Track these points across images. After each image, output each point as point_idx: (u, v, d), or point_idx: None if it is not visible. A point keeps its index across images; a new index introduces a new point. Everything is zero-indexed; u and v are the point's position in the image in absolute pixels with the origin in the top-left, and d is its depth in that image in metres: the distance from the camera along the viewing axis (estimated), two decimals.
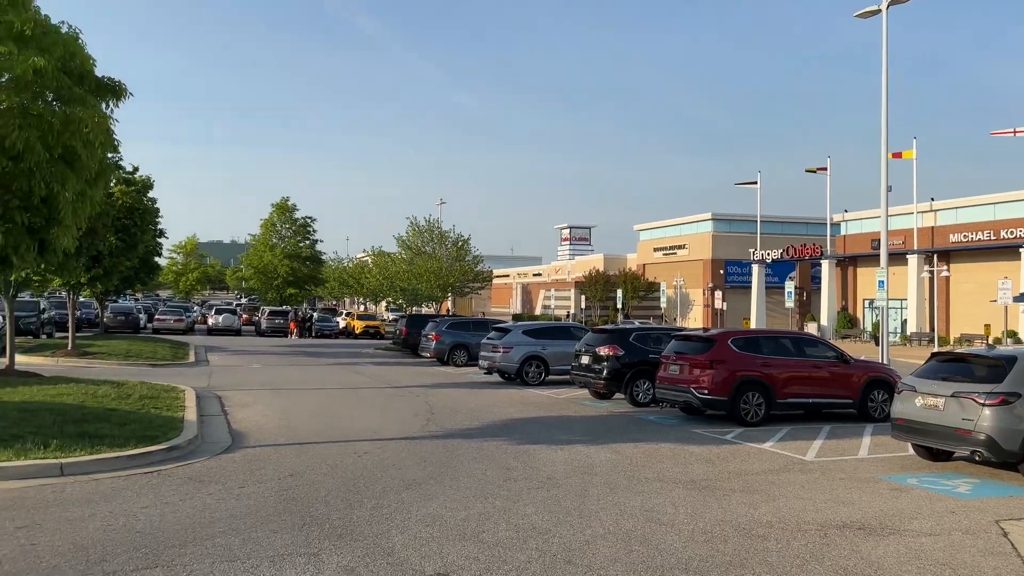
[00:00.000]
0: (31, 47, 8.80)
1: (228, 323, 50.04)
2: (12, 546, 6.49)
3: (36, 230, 9.87)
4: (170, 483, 9.02)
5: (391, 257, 64.10)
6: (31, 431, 10.58)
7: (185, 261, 79.37)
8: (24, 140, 8.62)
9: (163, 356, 28.09)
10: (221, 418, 14.16)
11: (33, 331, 34.20)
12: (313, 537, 7.02)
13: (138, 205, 27.46)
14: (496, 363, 23.26)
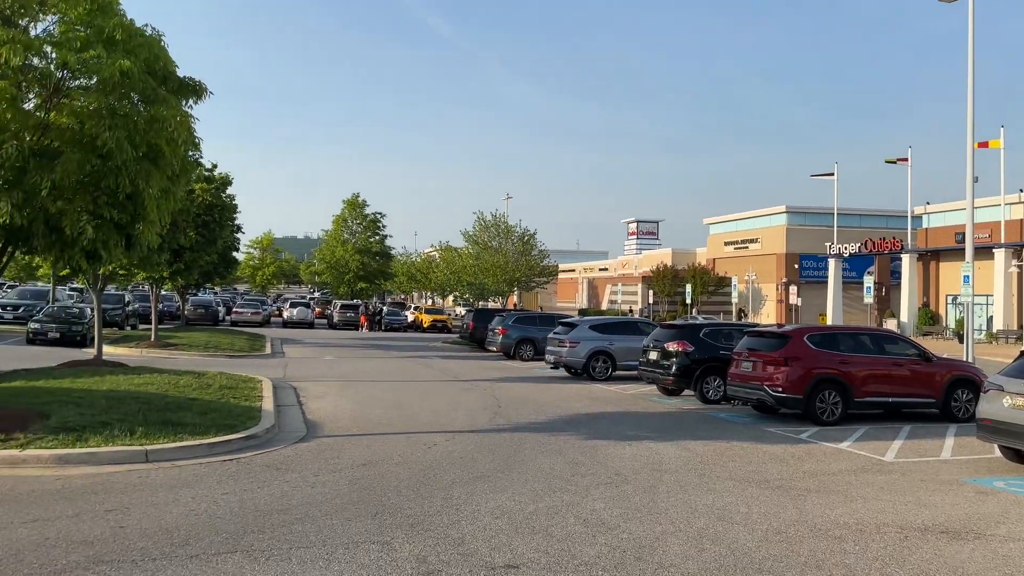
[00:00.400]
0: (119, 50, 9.20)
1: (302, 316, 51.32)
2: (103, 527, 6.81)
3: (123, 225, 10.32)
4: (249, 471, 9.32)
5: (458, 252, 64.71)
6: (118, 418, 11.08)
7: (261, 256, 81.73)
8: (114, 140, 9.01)
9: (241, 348, 29.01)
10: (296, 408, 14.54)
11: (118, 323, 35.80)
12: (386, 526, 7.15)
13: (217, 202, 28.39)
14: (563, 358, 23.23)
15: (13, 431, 9.88)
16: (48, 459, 9.17)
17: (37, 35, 9.72)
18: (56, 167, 9.01)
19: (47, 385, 14.11)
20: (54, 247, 9.94)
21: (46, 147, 9.37)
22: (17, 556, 5.95)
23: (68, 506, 7.43)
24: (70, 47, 9.03)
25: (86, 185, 9.52)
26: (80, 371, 16.73)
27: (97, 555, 6.06)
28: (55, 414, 11.04)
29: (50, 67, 9.81)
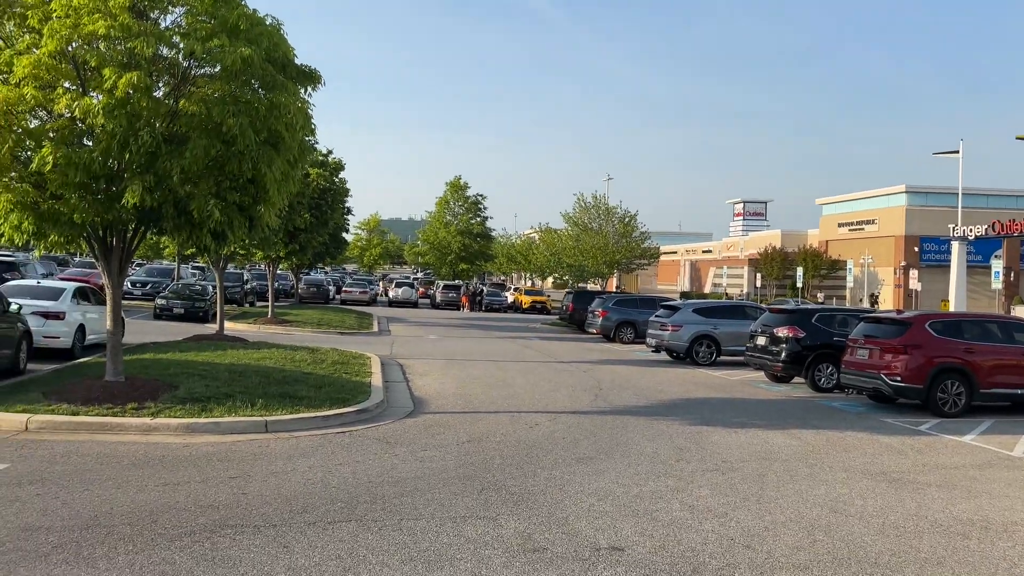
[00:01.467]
0: (241, 39, 9.63)
1: (406, 296, 52.64)
2: (227, 493, 7.24)
3: (245, 208, 10.85)
4: (360, 443, 9.68)
5: (558, 234, 64.53)
6: (239, 390, 11.71)
7: (369, 237, 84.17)
8: (237, 126, 9.47)
9: (350, 325, 30.06)
10: (403, 385, 14.97)
11: (238, 300, 37.74)
12: (491, 502, 7.29)
13: (330, 186, 29.43)
14: (664, 341, 22.91)
15: (145, 400, 10.61)
16: (176, 427, 9.80)
17: (167, 27, 10.30)
18: (185, 152, 9.56)
19: (174, 358, 15.06)
20: (183, 228, 10.57)
21: (175, 133, 9.94)
22: (152, 516, 6.41)
23: (196, 472, 7.93)
24: (196, 37, 9.53)
25: (211, 169, 10.06)
26: (204, 345, 17.77)
27: (223, 519, 6.45)
28: (182, 385, 11.79)
29: (178, 57, 10.39)
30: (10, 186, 9.88)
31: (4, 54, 9.59)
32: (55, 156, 9.22)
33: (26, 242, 10.77)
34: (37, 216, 10.05)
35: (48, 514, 6.30)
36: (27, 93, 9.30)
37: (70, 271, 36.37)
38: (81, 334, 16.61)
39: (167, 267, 43.93)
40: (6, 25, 10.12)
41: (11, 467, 7.66)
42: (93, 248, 11.14)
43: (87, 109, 9.20)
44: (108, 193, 10.04)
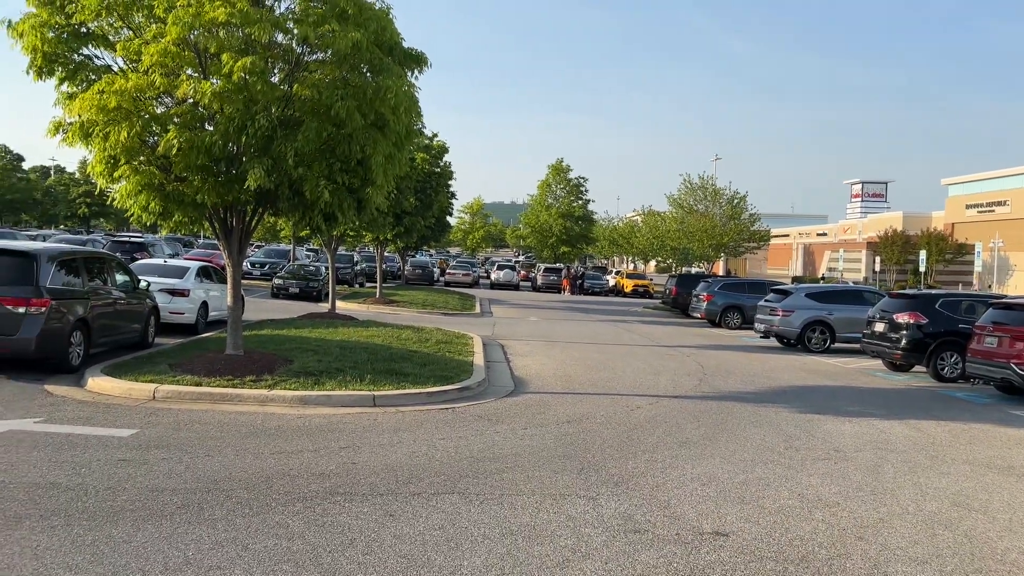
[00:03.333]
0: (350, 24, 9.88)
1: (508, 278, 53.12)
2: (337, 463, 7.51)
3: (354, 190, 11.18)
4: (463, 420, 9.85)
5: (661, 216, 63.47)
6: (349, 365, 12.13)
7: (472, 220, 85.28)
8: (346, 109, 9.73)
9: (453, 306, 30.60)
10: (504, 365, 15.12)
11: (348, 281, 39.08)
12: (591, 482, 7.27)
13: (435, 169, 29.92)
14: (774, 327, 22.17)
15: (263, 373, 11.14)
16: (291, 399, 10.25)
17: (281, 13, 10.68)
18: (298, 136, 9.93)
19: (289, 334, 15.74)
20: (297, 209, 11.00)
21: (289, 117, 10.33)
22: (268, 483, 6.73)
23: (308, 442, 8.27)
24: (309, 22, 9.84)
25: (323, 152, 10.40)
26: (316, 322, 18.49)
27: (333, 487, 6.70)
28: (297, 360, 12.30)
29: (291, 43, 10.77)
30: (139, 168, 10.52)
31: (133, 43, 10.17)
32: (179, 140, 9.75)
33: (153, 222, 11.47)
34: (163, 197, 10.69)
35: (173, 477, 6.72)
36: (155, 80, 9.88)
37: (195, 251, 38.62)
38: (204, 310, 17.60)
39: (283, 249, 45.94)
40: (135, 16, 10.73)
41: (140, 432, 8.21)
42: (215, 228, 11.75)
43: (206, 94, 9.67)
44: (228, 175, 10.56)
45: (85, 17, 10.21)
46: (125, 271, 13.93)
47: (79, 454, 7.18)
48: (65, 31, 10.44)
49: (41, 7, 10.34)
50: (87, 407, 9.28)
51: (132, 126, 9.88)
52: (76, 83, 10.62)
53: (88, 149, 10.59)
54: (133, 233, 51.70)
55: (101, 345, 12.27)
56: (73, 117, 10.26)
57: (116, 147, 9.99)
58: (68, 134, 10.38)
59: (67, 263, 11.63)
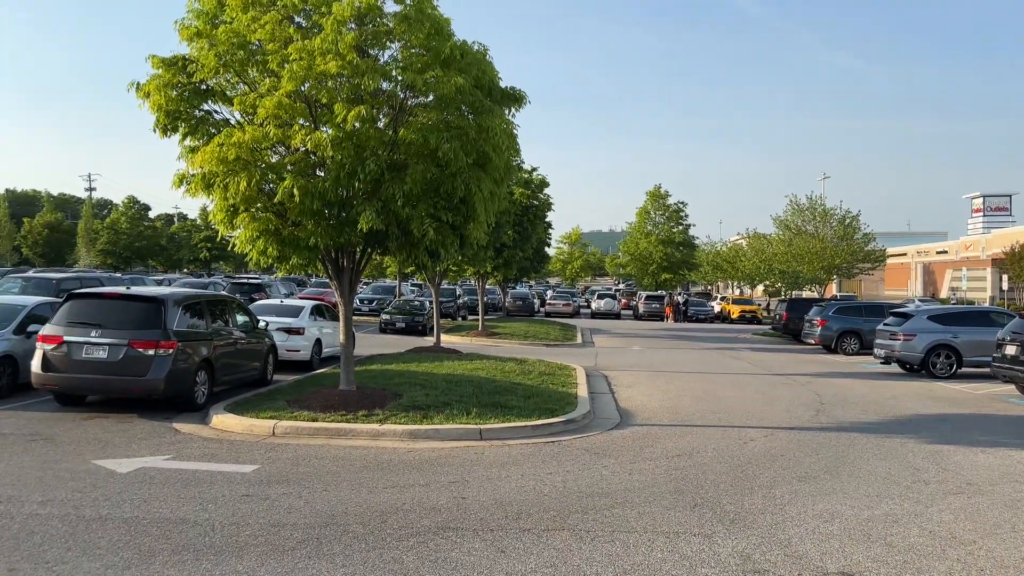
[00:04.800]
0: (453, 68, 10.20)
1: (609, 307, 52.73)
2: (447, 497, 7.59)
3: (456, 226, 11.46)
4: (569, 453, 9.78)
5: (768, 239, 61.56)
6: (456, 399, 12.30)
7: (570, 250, 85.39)
8: (452, 150, 10.01)
9: (555, 337, 30.60)
10: (609, 396, 14.95)
11: (451, 314, 39.75)
12: (705, 519, 7.05)
13: (533, 202, 30.25)
14: (895, 351, 21.03)
15: (374, 408, 11.44)
16: (401, 433, 10.46)
17: (385, 62, 11.13)
18: (405, 178, 10.27)
19: (398, 368, 16.13)
20: (404, 248, 11.35)
21: (395, 161, 10.71)
22: (382, 517, 6.87)
23: (419, 476, 8.41)
24: (414, 70, 10.21)
25: (427, 192, 10.71)
26: (423, 357, 18.88)
27: (444, 522, 6.77)
28: (406, 394, 12.58)
29: (395, 89, 11.19)
30: (256, 215, 11.11)
31: (249, 97, 10.81)
32: (295, 187, 10.24)
33: (270, 265, 12.06)
34: (279, 241, 11.22)
35: (293, 512, 6.96)
36: (270, 131, 10.45)
37: (308, 290, 40.26)
38: (318, 347, 18.29)
39: (390, 285, 47.33)
40: (250, 71, 11.41)
41: (261, 468, 8.56)
42: (327, 268, 12.23)
43: (319, 142, 10.14)
44: (339, 218, 11.01)
45: (205, 75, 10.93)
46: (245, 312, 14.67)
47: (205, 490, 7.56)
48: (187, 89, 11.20)
49: (165, 68, 11.15)
50: (212, 444, 9.77)
51: (250, 176, 10.46)
52: (197, 137, 11.35)
53: (210, 199, 11.28)
54: (251, 275, 54.50)
55: (224, 383, 12.92)
56: (196, 169, 10.96)
57: (236, 196, 10.59)
58: (191, 185, 11.10)
59: (191, 306, 12.35)
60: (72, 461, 8.50)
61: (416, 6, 10.32)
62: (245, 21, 10.48)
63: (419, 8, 10.30)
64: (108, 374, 11.08)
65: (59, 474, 7.93)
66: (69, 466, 8.27)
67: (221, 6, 10.79)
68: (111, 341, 11.07)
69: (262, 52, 10.84)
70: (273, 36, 10.37)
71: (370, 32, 10.55)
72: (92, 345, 11.08)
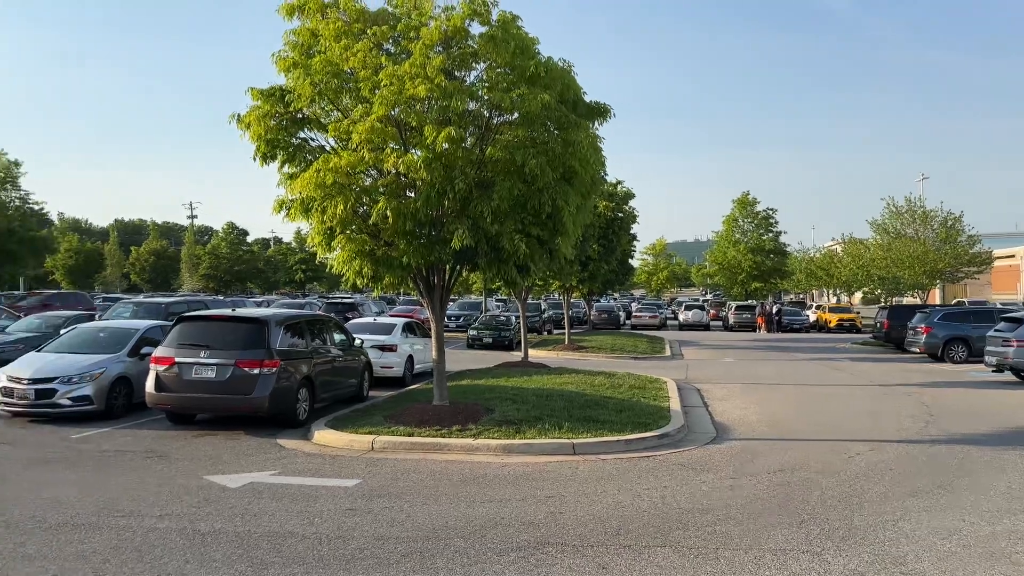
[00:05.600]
0: (538, 86, 10.30)
1: (697, 319, 51.69)
2: (544, 512, 7.60)
3: (544, 241, 11.55)
4: (665, 468, 9.64)
5: (864, 244, 59.25)
6: (547, 414, 12.31)
7: (655, 261, 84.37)
8: (538, 166, 10.11)
9: (642, 350, 30.23)
10: (703, 410, 14.66)
11: (537, 329, 39.80)
12: (813, 536, 6.82)
13: (618, 214, 30.07)
14: (1008, 359, 19.84)
15: (467, 423, 11.58)
16: (495, 448, 10.54)
17: (471, 82, 11.33)
18: (493, 195, 10.42)
19: (488, 383, 16.27)
20: (493, 264, 11.48)
21: (483, 179, 10.88)
22: (481, 531, 6.94)
23: (514, 490, 8.45)
24: (501, 89, 10.37)
25: (514, 208, 10.82)
26: (512, 371, 18.98)
27: (543, 537, 6.78)
28: (497, 408, 12.68)
29: (480, 108, 11.37)
30: (352, 237, 11.45)
31: (344, 123, 11.18)
32: (388, 209, 10.53)
33: (365, 284, 12.40)
34: (374, 262, 11.53)
35: (396, 525, 7.11)
36: (364, 155, 10.78)
37: (397, 308, 41.15)
38: (410, 364, 18.65)
39: (475, 301, 47.85)
40: (343, 99, 11.81)
41: (363, 482, 8.78)
42: (418, 286, 12.49)
43: (410, 164, 10.40)
44: (430, 237, 11.24)
45: (301, 104, 11.38)
46: (341, 330, 15.11)
47: (311, 504, 7.81)
48: (284, 119, 11.69)
49: (264, 99, 11.65)
50: (315, 459, 10.08)
51: (346, 199, 10.80)
52: (295, 164, 11.81)
53: (308, 222, 11.70)
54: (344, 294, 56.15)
55: (323, 400, 13.33)
56: (294, 195, 11.40)
57: (333, 219, 10.96)
58: (291, 210, 11.54)
59: (292, 326, 12.81)
60: (186, 477, 8.93)
61: (501, 27, 10.49)
62: (338, 50, 10.87)
63: (504, 28, 10.46)
64: (216, 393, 11.61)
65: (174, 489, 8.34)
66: (183, 482, 8.70)
67: (315, 37, 11.23)
68: (218, 361, 11.61)
69: (354, 80, 11.20)
70: (364, 64, 10.71)
71: (457, 55, 10.77)
72: (201, 365, 11.63)
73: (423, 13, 11.02)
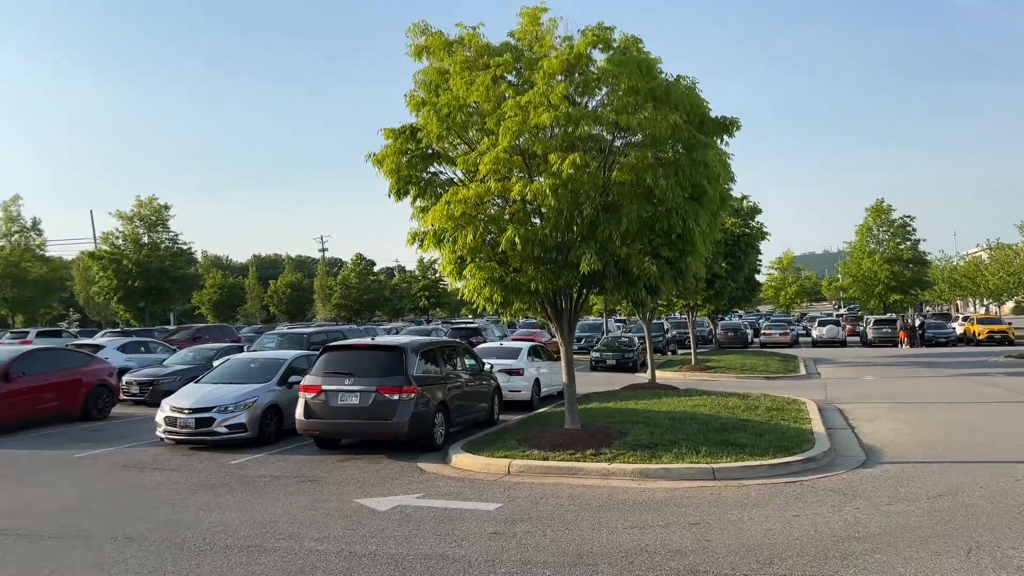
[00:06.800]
0: (665, 106, 10.27)
1: (832, 334, 49.30)
2: (690, 539, 7.46)
3: (672, 261, 11.42)
4: (815, 494, 9.24)
5: (1014, 249, 55.05)
6: (682, 437, 12.09)
7: (782, 276, 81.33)
8: (668, 187, 10.06)
9: (775, 369, 29.15)
10: (848, 431, 13.97)
11: (660, 349, 39.17)
12: (985, 566, 6.37)
13: (746, 230, 29.32)
14: None
15: (600, 447, 11.54)
16: (631, 472, 10.45)
17: (593, 107, 11.44)
18: (620, 218, 10.44)
19: (616, 406, 16.15)
20: (622, 286, 11.48)
21: (609, 202, 10.93)
22: (627, 557, 6.89)
23: (657, 516, 8.34)
24: (627, 112, 10.42)
25: (642, 230, 10.80)
26: (639, 394, 18.77)
27: (691, 565, 6.66)
28: (630, 432, 12.57)
29: (602, 132, 11.44)
30: (481, 265, 11.74)
31: (471, 156, 11.54)
32: (516, 236, 10.74)
33: (495, 310, 12.65)
34: (503, 288, 11.77)
35: (540, 550, 7.17)
36: (491, 185, 11.07)
37: (518, 332, 41.61)
38: (537, 387, 18.81)
39: (595, 322, 47.69)
40: (469, 132, 12.19)
41: (504, 506, 8.91)
42: (546, 311, 12.62)
43: (537, 192, 10.59)
44: (557, 262, 11.37)
45: (431, 140, 11.84)
46: (472, 355, 15.45)
47: (457, 527, 8.00)
48: (415, 155, 12.19)
49: (396, 138, 12.20)
50: (455, 482, 10.33)
51: (475, 229, 11.11)
52: (426, 198, 12.26)
53: (439, 252, 12.10)
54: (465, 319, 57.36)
55: (458, 424, 13.65)
56: (426, 227, 11.83)
57: (463, 249, 11.30)
58: (424, 242, 11.99)
59: (427, 353, 13.23)
60: (337, 500, 9.36)
61: (623, 50, 10.55)
62: (463, 86, 11.24)
63: (626, 52, 10.52)
64: (360, 418, 12.14)
65: (328, 512, 8.76)
66: (336, 505, 9.12)
67: (443, 75, 11.67)
68: (361, 388, 12.13)
69: (479, 113, 11.55)
70: (488, 96, 11.02)
71: (579, 81, 10.92)
72: (345, 392, 12.19)
73: (544, 44, 11.24)
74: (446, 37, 11.79)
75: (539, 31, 11.43)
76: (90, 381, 17.13)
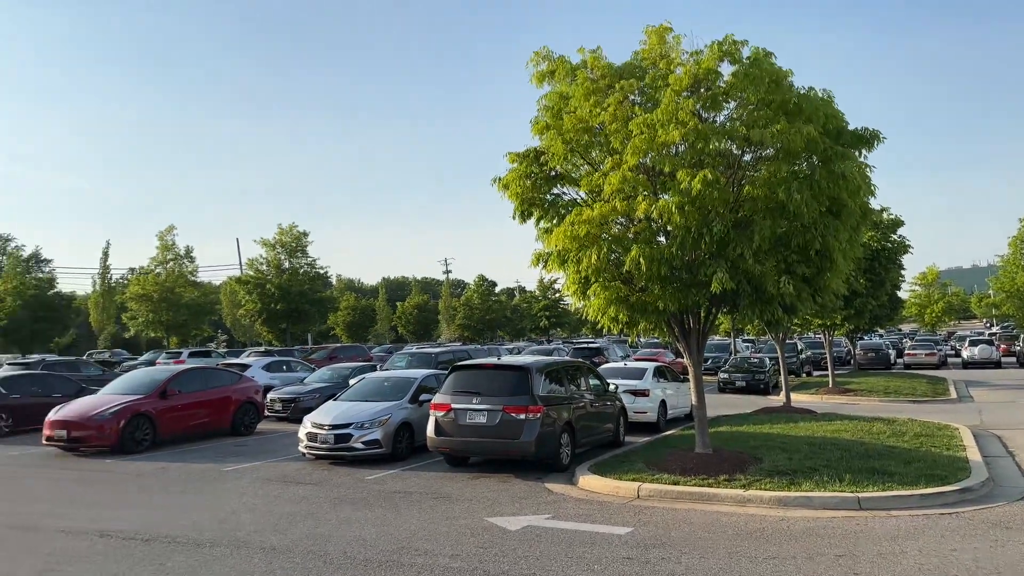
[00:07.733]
0: (798, 118, 9.92)
1: (985, 355, 45.58)
2: (837, 573, 7.05)
3: (810, 279, 10.94)
4: (973, 527, 8.55)
5: None
6: (822, 464, 11.49)
7: (927, 292, 76.22)
8: (804, 201, 9.68)
9: (922, 392, 27.27)
10: (1008, 460, 12.86)
11: (794, 370, 37.47)
12: None
13: (887, 244, 27.75)
14: None
15: (734, 472, 11.14)
16: (768, 500, 10.01)
17: (721, 121, 11.18)
18: (753, 235, 10.12)
19: (749, 430, 15.56)
20: (755, 305, 11.09)
21: (739, 218, 10.61)
22: None
23: (799, 547, 7.95)
24: (759, 126, 10.13)
25: (776, 246, 10.41)
26: (774, 417, 18.01)
27: None
28: (766, 458, 12.07)
29: (731, 147, 11.15)
30: (606, 285, 11.66)
31: (595, 176, 11.52)
32: (641, 255, 10.62)
33: (620, 331, 12.52)
34: (628, 307, 11.64)
35: None
36: (616, 205, 11.00)
37: (641, 352, 40.97)
38: (663, 409, 18.43)
39: (722, 342, 46.24)
40: (593, 152, 12.19)
41: (635, 531, 8.75)
42: (673, 331, 12.37)
43: (663, 210, 10.43)
44: (684, 281, 11.13)
45: (555, 163, 11.93)
46: (596, 376, 15.35)
47: (588, 550, 7.92)
48: (539, 178, 12.31)
49: (520, 161, 12.37)
50: (583, 504, 10.25)
51: (599, 249, 11.07)
52: (550, 219, 12.34)
53: (563, 273, 12.13)
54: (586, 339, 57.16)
55: (583, 445, 13.56)
56: (550, 248, 11.88)
57: (587, 269, 11.27)
58: (548, 263, 12.05)
59: (552, 373, 13.25)
60: (469, 518, 9.49)
61: (753, 63, 10.28)
62: (587, 108, 11.28)
63: (756, 64, 10.24)
64: (487, 437, 12.29)
65: (460, 530, 8.89)
66: (467, 523, 9.25)
67: (564, 99, 11.76)
68: (488, 407, 12.30)
69: (603, 133, 11.54)
70: (615, 116, 11.00)
71: (706, 96, 10.71)
72: (473, 411, 12.40)
73: (671, 61, 11.13)
74: (569, 62, 11.90)
75: (664, 48, 11.33)
76: (239, 398, 18.23)
